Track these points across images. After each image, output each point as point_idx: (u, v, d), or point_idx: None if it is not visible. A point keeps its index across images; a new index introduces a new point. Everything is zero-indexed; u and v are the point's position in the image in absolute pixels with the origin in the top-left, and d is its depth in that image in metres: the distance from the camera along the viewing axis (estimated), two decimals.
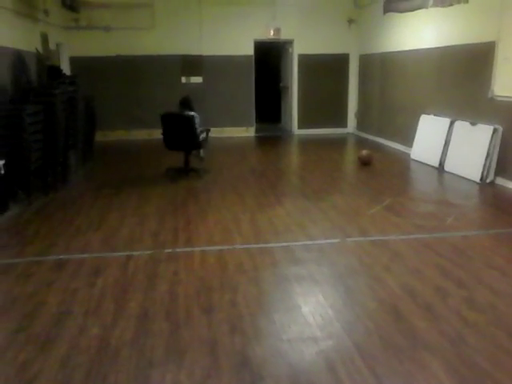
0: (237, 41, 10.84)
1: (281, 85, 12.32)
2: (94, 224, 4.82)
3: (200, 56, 10.82)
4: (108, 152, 9.18)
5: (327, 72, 11.37)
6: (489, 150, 6.34)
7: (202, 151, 7.45)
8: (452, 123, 7.25)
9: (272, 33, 10.88)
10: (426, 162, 7.69)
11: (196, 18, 10.59)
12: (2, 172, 5.13)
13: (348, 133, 11.57)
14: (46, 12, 8.19)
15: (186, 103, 7.00)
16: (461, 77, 7.17)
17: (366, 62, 10.84)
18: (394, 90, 9.44)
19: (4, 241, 4.42)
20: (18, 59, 6.51)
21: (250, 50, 10.96)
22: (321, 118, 11.56)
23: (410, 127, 8.58)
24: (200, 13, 10.57)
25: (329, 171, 7.34)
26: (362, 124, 11.29)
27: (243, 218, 4.95)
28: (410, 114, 8.67)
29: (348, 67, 11.45)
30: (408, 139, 8.65)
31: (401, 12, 8.96)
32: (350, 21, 11.11)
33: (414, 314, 3.03)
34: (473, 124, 6.75)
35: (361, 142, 10.24)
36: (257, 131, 11.47)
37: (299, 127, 11.61)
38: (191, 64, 10.85)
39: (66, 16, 9.71)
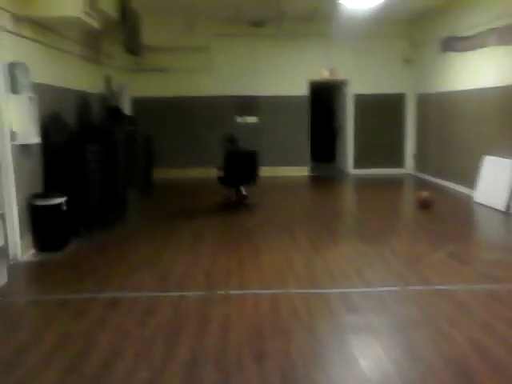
0: (291, 81, 10.96)
1: (335, 124, 12.27)
2: (148, 261, 4.84)
3: (255, 96, 11.01)
4: (165, 189, 9.38)
5: (383, 111, 11.23)
6: None
7: (243, 189, 7.59)
8: None
9: (327, 73, 10.94)
10: (491, 205, 7.28)
11: (251, 59, 10.85)
12: (65, 208, 5.32)
13: (405, 173, 11.25)
14: (109, 56, 8.66)
15: (232, 140, 7.56)
16: None
17: (424, 101, 10.61)
18: (454, 130, 9.13)
19: (63, 276, 4.51)
20: (83, 100, 6.85)
21: (304, 91, 11.04)
22: (377, 158, 11.34)
23: (473, 169, 8.22)
24: (255, 54, 10.82)
25: (386, 213, 7.10)
26: (420, 164, 10.96)
27: (297, 260, 4.82)
28: (472, 155, 8.32)
29: (405, 107, 11.26)
30: (470, 181, 8.27)
31: (459, 51, 8.77)
32: (406, 60, 11.00)
33: (484, 375, 2.75)
34: None
35: (419, 183, 9.92)
36: (311, 170, 11.40)
37: (354, 167, 11.43)
38: (246, 104, 11.05)
39: (128, 59, 10.22)
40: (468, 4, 8.50)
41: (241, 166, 7.02)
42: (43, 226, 5.20)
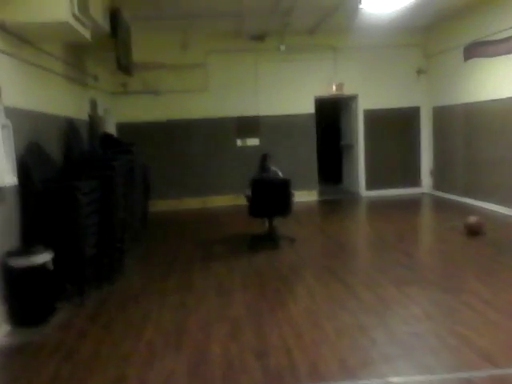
0: (296, 99, 9.93)
1: (342, 143, 11.26)
2: (171, 338, 3.58)
3: (256, 117, 9.92)
4: (162, 224, 8.11)
5: (396, 127, 10.26)
6: None
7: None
8: None
9: (334, 88, 9.95)
10: None
11: (251, 76, 9.79)
12: (51, 268, 4.05)
13: (423, 193, 10.25)
14: (95, 77, 7.46)
15: (265, 159, 6.84)
16: None
17: (443, 114, 9.68)
18: (487, 144, 8.17)
19: (50, 371, 3.19)
20: (70, 127, 5.61)
21: (310, 108, 10.01)
22: (391, 178, 10.33)
23: None
24: (256, 70, 9.77)
25: (434, 244, 6.03)
26: (440, 183, 9.97)
27: (370, 324, 3.64)
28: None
29: (419, 121, 10.32)
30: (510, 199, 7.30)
31: (490, 57, 7.87)
32: (420, 71, 10.10)
33: None
34: None
35: (444, 204, 8.91)
36: (320, 194, 10.30)
37: (367, 188, 10.39)
38: (247, 126, 9.94)
39: (114, 80, 9.04)
40: (493, 5, 7.65)
41: (268, 196, 5.88)
42: (22, 293, 3.92)
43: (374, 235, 6.76)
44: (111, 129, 8.80)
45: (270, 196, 5.85)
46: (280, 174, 6.64)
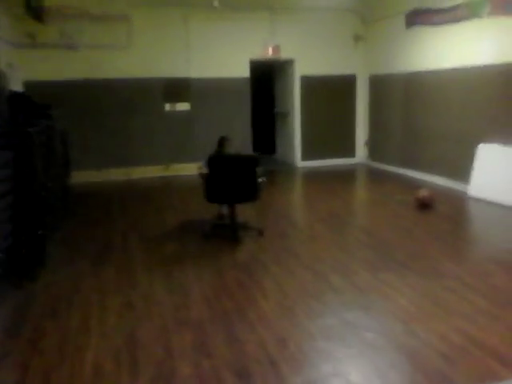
0: (230, 61, 9.13)
1: (276, 110, 10.70)
2: (122, 356, 2.83)
3: (187, 79, 9.00)
4: (83, 201, 7.06)
5: (332, 95, 9.87)
6: None
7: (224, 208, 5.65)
8: None
9: (271, 51, 9.28)
10: (498, 200, 6.23)
11: (182, 33, 8.80)
12: None
13: (358, 163, 10.06)
14: None
15: (222, 144, 5.64)
16: None
17: (380, 83, 9.44)
18: (426, 115, 8.03)
19: None
20: None
21: (245, 72, 9.28)
22: (326, 148, 10.00)
23: (458, 158, 7.19)
24: (186, 28, 8.79)
25: (389, 219, 5.73)
26: (375, 153, 9.83)
27: (359, 322, 3.15)
28: (457, 142, 7.28)
29: (355, 90, 10.01)
30: (455, 172, 7.24)
31: (436, 25, 7.62)
32: (357, 38, 9.73)
33: None
34: None
35: (381, 175, 8.76)
36: None
37: (302, 159, 9.99)
38: (176, 89, 9.00)
39: (20, 29, 7.60)
40: None
41: (230, 177, 4.84)
42: None
43: (323, 210, 6.33)
44: (17, 88, 7.44)
45: (233, 177, 4.84)
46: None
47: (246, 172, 4.80)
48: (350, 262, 4.28)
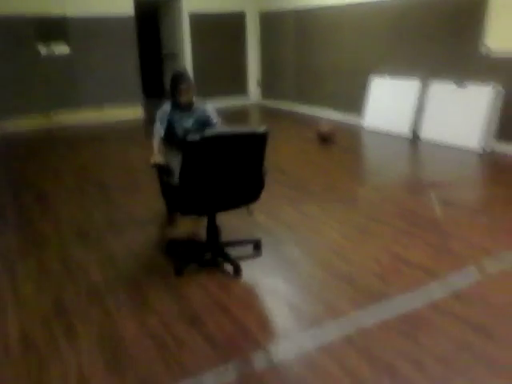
0: None
1: (164, 52, 10.12)
2: (55, 326, 2.57)
3: (64, 18, 8.04)
4: None
5: (222, 34, 9.58)
6: (488, 113, 5.52)
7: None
8: (424, 84, 6.30)
9: None
10: (389, 130, 6.65)
11: None
12: None
13: (251, 103, 10.04)
14: None
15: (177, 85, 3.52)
16: (435, 30, 6.10)
17: (271, 20, 9.33)
18: (321, 51, 8.16)
19: None
20: None
21: (129, 10, 8.54)
22: (219, 88, 9.78)
23: (352, 92, 7.50)
24: None
25: (300, 156, 5.86)
26: (269, 92, 9.86)
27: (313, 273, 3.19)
28: (350, 77, 7.56)
29: (245, 27, 9.80)
30: (350, 106, 7.56)
31: None
32: None
33: None
34: (460, 85, 5.85)
35: (277, 113, 8.88)
36: (145, 111, 9.20)
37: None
38: (52, 29, 8.03)
39: None
40: None
41: (226, 171, 2.83)
42: None
43: None
44: None
45: (231, 170, 2.83)
46: (215, 118, 3.75)
47: (252, 159, 2.88)
48: (273, 200, 4.31)
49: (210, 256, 3.16)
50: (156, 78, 10.50)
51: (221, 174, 2.81)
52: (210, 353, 2.26)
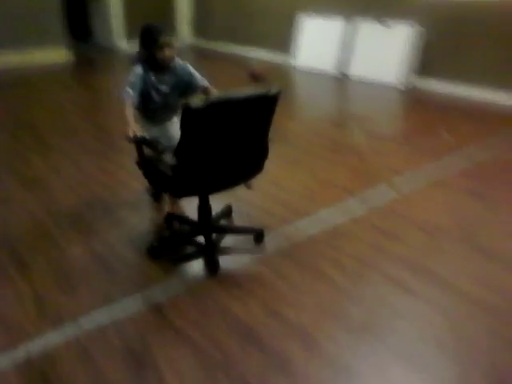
0: None
1: None
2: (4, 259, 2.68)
3: None
4: None
5: None
6: (408, 51, 5.89)
7: None
8: (350, 23, 6.54)
9: None
10: (320, 70, 6.91)
11: None
12: None
13: (183, 45, 9.84)
14: None
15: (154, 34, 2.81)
16: None
17: None
18: None
19: None
20: None
21: None
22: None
23: (281, 32, 7.62)
24: None
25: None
26: (201, 33, 9.72)
27: None
28: (279, 16, 7.64)
29: None
30: (279, 45, 7.71)
31: None
32: None
33: None
34: (383, 24, 6.15)
35: (211, 53, 8.83)
36: (73, 54, 8.74)
37: (129, 40, 9.30)
38: None
39: None
40: None
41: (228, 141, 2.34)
42: None
43: None
44: None
45: (236, 140, 2.37)
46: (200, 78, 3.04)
47: (260, 124, 2.42)
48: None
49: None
50: (81, 20, 9.95)
51: (226, 145, 2.32)
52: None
